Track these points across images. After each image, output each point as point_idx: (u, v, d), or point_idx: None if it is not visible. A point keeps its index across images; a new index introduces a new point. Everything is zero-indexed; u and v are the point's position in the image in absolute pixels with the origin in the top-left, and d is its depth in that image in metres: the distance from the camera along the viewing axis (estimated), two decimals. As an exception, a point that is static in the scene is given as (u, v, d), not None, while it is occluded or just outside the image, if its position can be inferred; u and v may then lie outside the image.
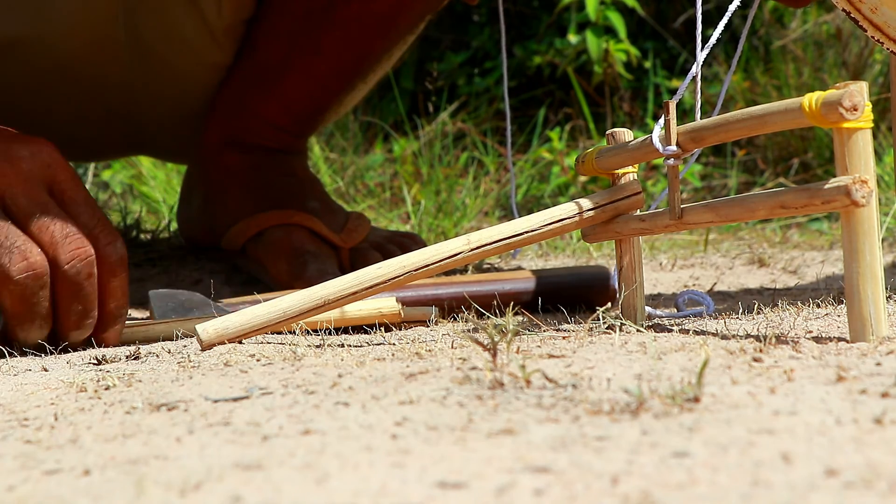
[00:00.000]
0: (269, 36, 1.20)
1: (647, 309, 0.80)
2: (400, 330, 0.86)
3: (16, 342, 0.80)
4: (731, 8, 0.73)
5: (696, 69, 0.76)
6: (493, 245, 0.74)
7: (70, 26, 1.12)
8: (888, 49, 0.74)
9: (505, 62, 1.09)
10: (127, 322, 0.84)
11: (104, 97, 1.20)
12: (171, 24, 1.16)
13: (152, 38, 1.16)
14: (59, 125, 1.21)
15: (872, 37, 0.74)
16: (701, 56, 0.75)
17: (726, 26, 2.42)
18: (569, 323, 0.82)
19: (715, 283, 1.19)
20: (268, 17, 1.19)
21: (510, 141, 1.13)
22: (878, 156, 1.92)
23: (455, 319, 0.91)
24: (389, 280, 0.73)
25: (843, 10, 0.73)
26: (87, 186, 1.70)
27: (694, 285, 1.20)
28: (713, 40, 0.74)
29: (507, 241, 0.75)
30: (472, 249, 0.74)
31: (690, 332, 0.71)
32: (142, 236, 1.50)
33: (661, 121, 0.73)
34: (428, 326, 0.88)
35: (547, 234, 0.76)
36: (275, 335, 0.80)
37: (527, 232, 0.75)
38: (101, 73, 1.17)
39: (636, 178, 0.79)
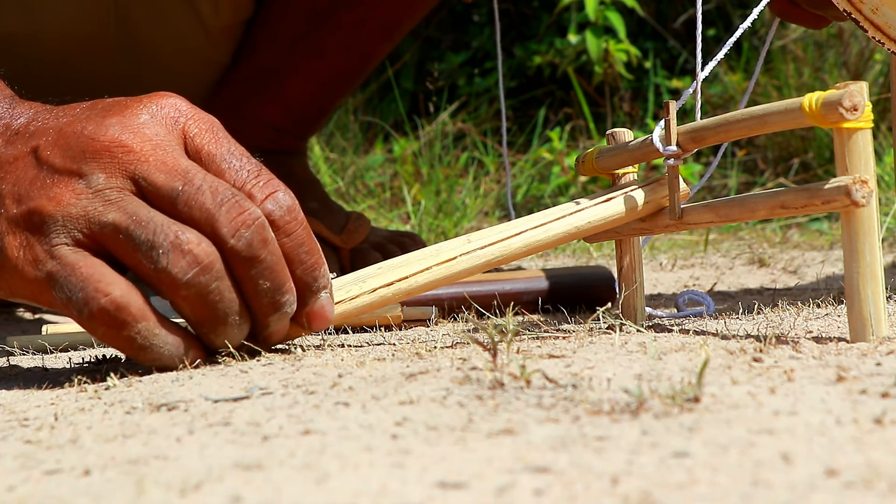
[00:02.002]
0: (270, 38, 1.20)
1: (647, 309, 0.80)
2: (400, 330, 0.86)
3: (212, 346, 0.65)
4: (743, 26, 0.73)
5: (698, 70, 0.76)
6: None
7: (62, 22, 1.12)
8: (889, 49, 0.74)
9: (500, 63, 1.09)
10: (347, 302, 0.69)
11: (96, 93, 1.20)
12: (164, 22, 1.16)
13: (145, 36, 1.16)
14: None
15: (873, 37, 0.74)
16: (701, 56, 0.75)
17: (727, 27, 2.42)
18: (569, 323, 0.82)
19: (715, 283, 1.19)
20: (268, 18, 1.19)
21: (505, 140, 1.13)
22: (878, 156, 1.92)
23: (455, 319, 0.91)
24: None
25: (845, 10, 0.73)
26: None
27: (694, 285, 1.20)
28: (721, 54, 0.74)
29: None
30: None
31: (690, 332, 0.71)
32: (142, 236, 1.50)
33: (663, 121, 0.74)
34: (428, 326, 0.88)
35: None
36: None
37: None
38: (92, 69, 1.17)
39: (636, 178, 0.79)
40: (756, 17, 0.75)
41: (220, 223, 0.61)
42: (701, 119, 0.73)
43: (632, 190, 0.76)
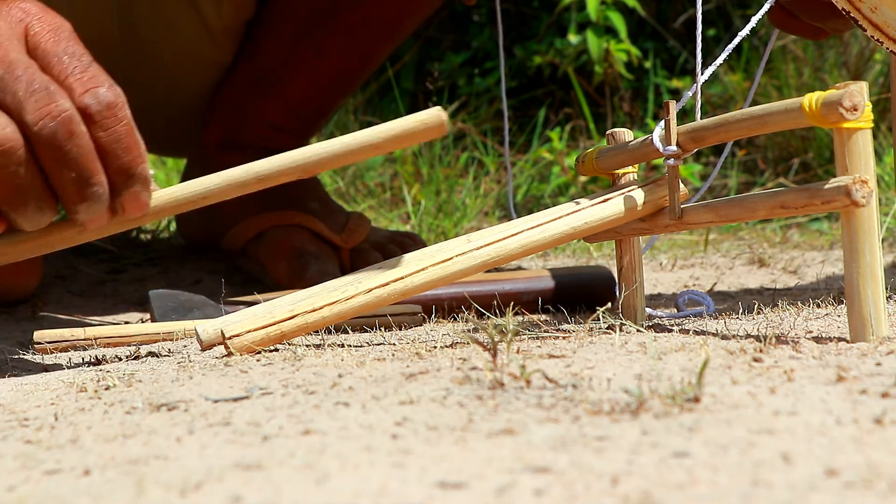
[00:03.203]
0: (272, 38, 1.20)
1: (647, 309, 0.80)
2: (400, 330, 0.86)
3: (18, 227, 0.67)
4: (743, 33, 0.73)
5: (698, 71, 0.75)
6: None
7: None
8: (888, 49, 0.74)
9: (502, 63, 1.09)
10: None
11: None
12: (166, 23, 1.16)
13: (147, 37, 1.16)
14: None
15: (872, 36, 0.74)
16: (701, 56, 0.75)
17: (727, 27, 2.42)
18: (569, 323, 0.82)
19: (715, 283, 1.19)
20: (270, 18, 1.19)
21: (507, 140, 1.13)
22: (878, 156, 1.92)
23: (455, 319, 0.91)
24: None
25: (843, 9, 0.73)
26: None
27: (694, 285, 1.20)
28: (721, 59, 0.74)
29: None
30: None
31: (690, 332, 0.71)
32: (142, 236, 1.50)
33: (663, 121, 0.74)
34: (422, 325, 0.88)
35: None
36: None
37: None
38: None
39: (636, 178, 0.79)
40: (754, 24, 0.75)
41: (27, 111, 0.64)
42: (701, 119, 0.73)
43: (630, 190, 0.76)
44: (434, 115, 0.71)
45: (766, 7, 0.77)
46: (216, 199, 0.72)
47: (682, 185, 0.75)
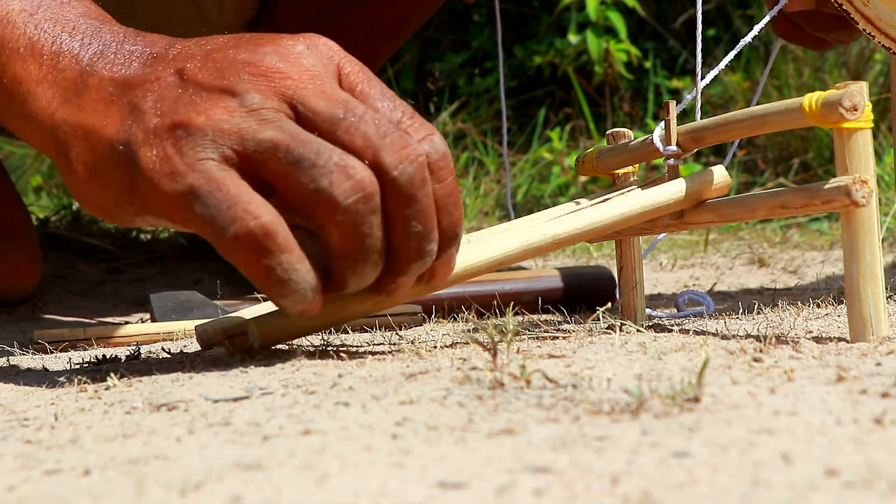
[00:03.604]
0: None
1: (647, 310, 0.80)
2: (400, 330, 0.86)
3: (343, 290, 0.61)
4: (745, 40, 0.73)
5: (698, 71, 0.76)
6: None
7: None
8: (879, 42, 0.74)
9: (501, 63, 1.09)
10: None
11: None
12: (168, 22, 1.16)
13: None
14: None
15: (864, 30, 0.74)
16: (701, 56, 0.75)
17: (727, 27, 2.42)
18: (569, 323, 0.82)
19: (715, 283, 1.19)
20: (273, 19, 1.19)
21: (506, 140, 1.13)
22: (878, 156, 1.92)
23: (455, 319, 0.91)
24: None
25: (836, 2, 0.73)
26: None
27: (694, 285, 1.20)
28: (723, 64, 0.74)
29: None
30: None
31: (690, 332, 0.71)
32: (142, 236, 1.50)
33: (663, 121, 0.74)
34: (422, 325, 0.88)
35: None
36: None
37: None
38: None
39: (636, 178, 0.79)
40: (757, 33, 0.75)
41: (385, 153, 0.58)
42: (701, 119, 0.73)
43: (630, 190, 0.76)
44: (722, 175, 0.72)
45: (767, 17, 0.77)
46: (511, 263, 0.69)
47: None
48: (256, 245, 0.57)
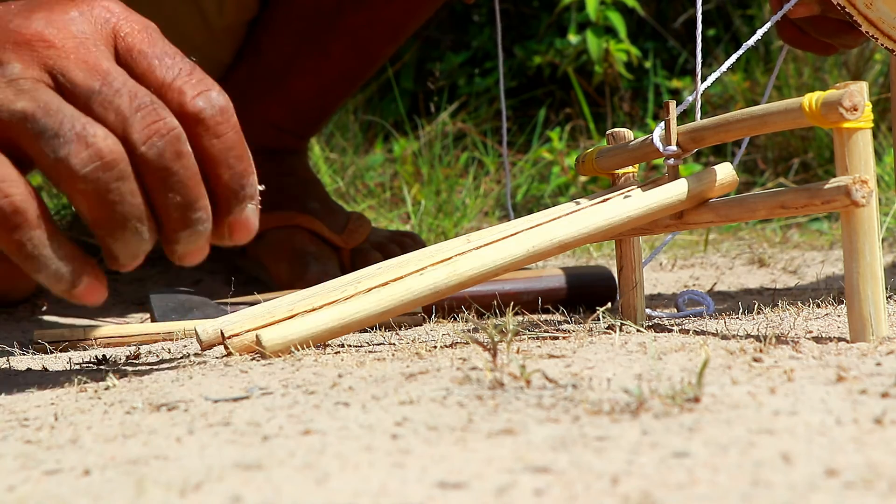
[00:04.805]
0: (275, 38, 1.19)
1: (647, 310, 0.80)
2: (400, 330, 0.86)
3: (118, 262, 0.62)
4: (746, 44, 0.73)
5: (698, 71, 0.76)
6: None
7: None
8: (882, 45, 0.74)
9: (501, 63, 1.09)
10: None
11: None
12: (168, 21, 1.16)
13: None
14: None
15: (867, 32, 0.74)
16: (701, 56, 0.75)
17: (727, 27, 2.42)
18: (569, 323, 0.82)
19: (715, 283, 1.19)
20: (273, 18, 1.19)
21: (506, 140, 1.13)
22: (878, 156, 1.92)
23: (455, 319, 0.91)
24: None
25: (839, 4, 0.73)
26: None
27: (694, 285, 1.20)
28: (724, 67, 0.74)
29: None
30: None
31: (690, 332, 0.71)
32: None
33: (663, 121, 0.74)
34: (422, 325, 0.88)
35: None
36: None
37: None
38: None
39: (636, 178, 0.79)
40: (759, 37, 0.75)
41: (133, 128, 0.59)
42: (701, 119, 0.73)
43: (631, 190, 0.76)
44: (727, 171, 0.72)
45: (769, 24, 0.77)
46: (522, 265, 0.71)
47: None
48: (5, 221, 0.58)
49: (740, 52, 0.75)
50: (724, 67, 0.74)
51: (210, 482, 0.42)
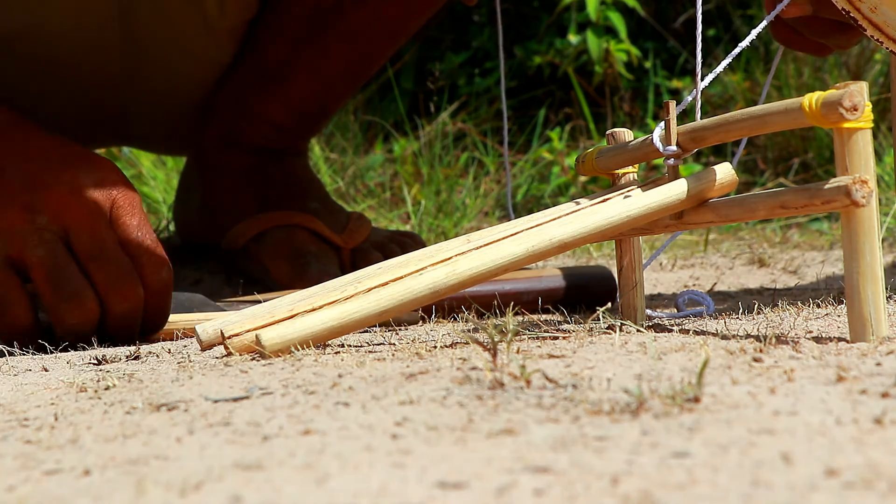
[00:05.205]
0: (275, 37, 1.19)
1: (647, 310, 0.80)
2: (400, 330, 0.86)
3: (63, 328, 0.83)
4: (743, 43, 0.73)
5: (698, 70, 0.76)
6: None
7: (65, 21, 1.11)
8: (888, 49, 0.74)
9: (502, 63, 1.09)
10: None
11: (96, 91, 1.20)
12: (168, 22, 1.16)
13: (149, 36, 1.16)
14: (48, 117, 1.20)
15: (872, 36, 0.74)
16: (701, 56, 0.75)
17: (727, 27, 2.42)
18: (569, 323, 0.82)
19: (715, 283, 1.19)
20: (273, 18, 1.19)
21: (507, 140, 1.13)
22: (878, 156, 1.92)
23: (455, 319, 0.91)
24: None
25: (843, 9, 0.73)
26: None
27: (694, 285, 1.20)
28: (722, 66, 0.74)
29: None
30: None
31: (690, 332, 0.71)
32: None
33: (663, 121, 0.74)
34: (422, 325, 0.88)
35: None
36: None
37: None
38: (95, 68, 1.16)
39: (636, 178, 0.79)
40: (754, 37, 0.75)
41: (113, 298, 0.81)
42: (701, 119, 0.73)
43: (631, 190, 0.76)
44: (727, 171, 0.73)
45: (763, 24, 0.77)
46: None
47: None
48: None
49: (735, 52, 0.75)
50: (720, 67, 0.74)
51: (210, 482, 0.42)
